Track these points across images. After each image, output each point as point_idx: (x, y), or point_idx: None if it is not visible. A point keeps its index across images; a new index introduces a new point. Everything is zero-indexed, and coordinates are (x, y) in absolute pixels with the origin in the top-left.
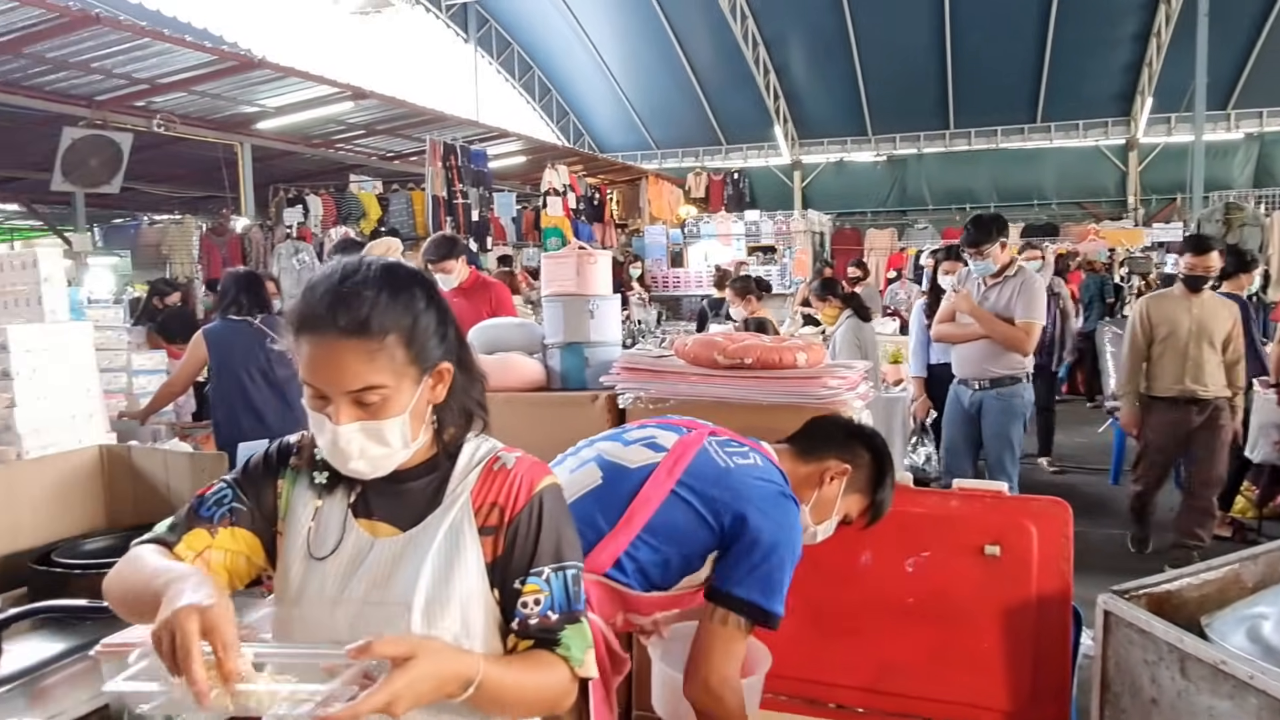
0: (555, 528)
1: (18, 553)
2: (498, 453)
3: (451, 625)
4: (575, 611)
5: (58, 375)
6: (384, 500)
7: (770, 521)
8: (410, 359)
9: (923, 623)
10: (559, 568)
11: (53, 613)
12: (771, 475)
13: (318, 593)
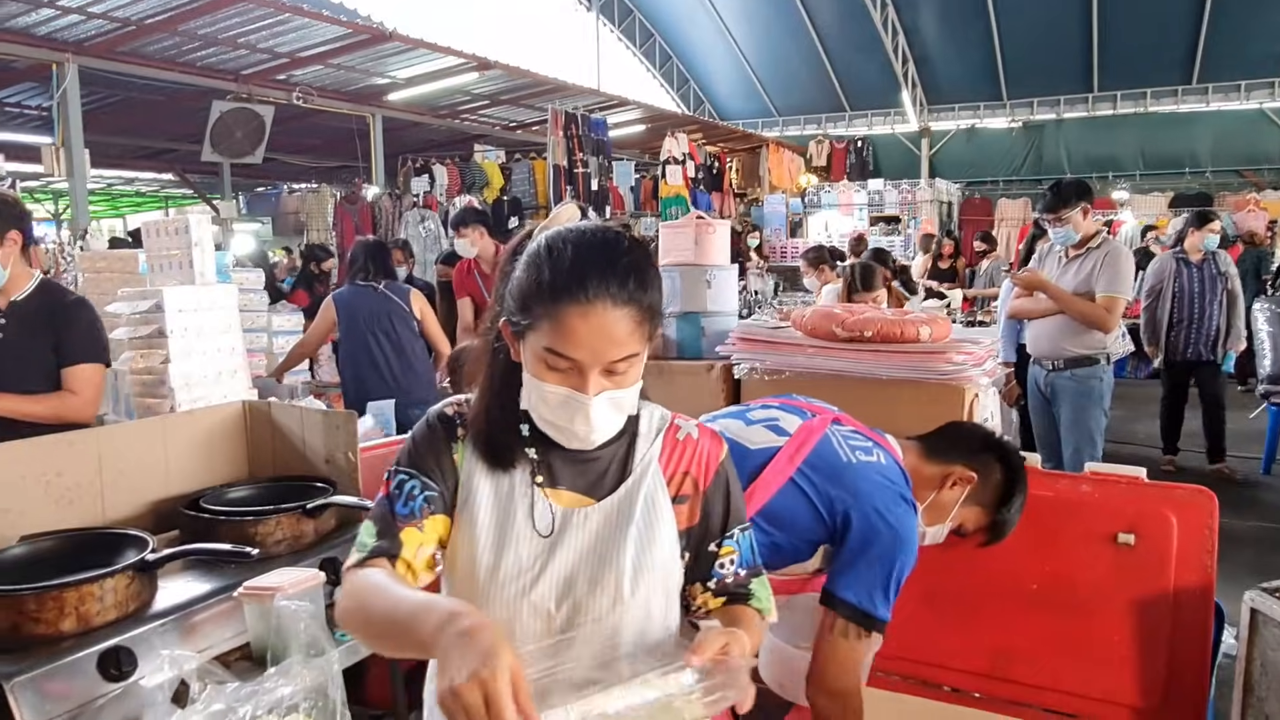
0: (736, 492)
1: (170, 498)
2: (674, 420)
3: (654, 591)
4: (758, 565)
5: (206, 334)
6: (571, 471)
7: (886, 526)
8: (651, 329)
9: (1046, 610)
10: (744, 528)
11: (201, 555)
12: (893, 475)
13: (516, 563)
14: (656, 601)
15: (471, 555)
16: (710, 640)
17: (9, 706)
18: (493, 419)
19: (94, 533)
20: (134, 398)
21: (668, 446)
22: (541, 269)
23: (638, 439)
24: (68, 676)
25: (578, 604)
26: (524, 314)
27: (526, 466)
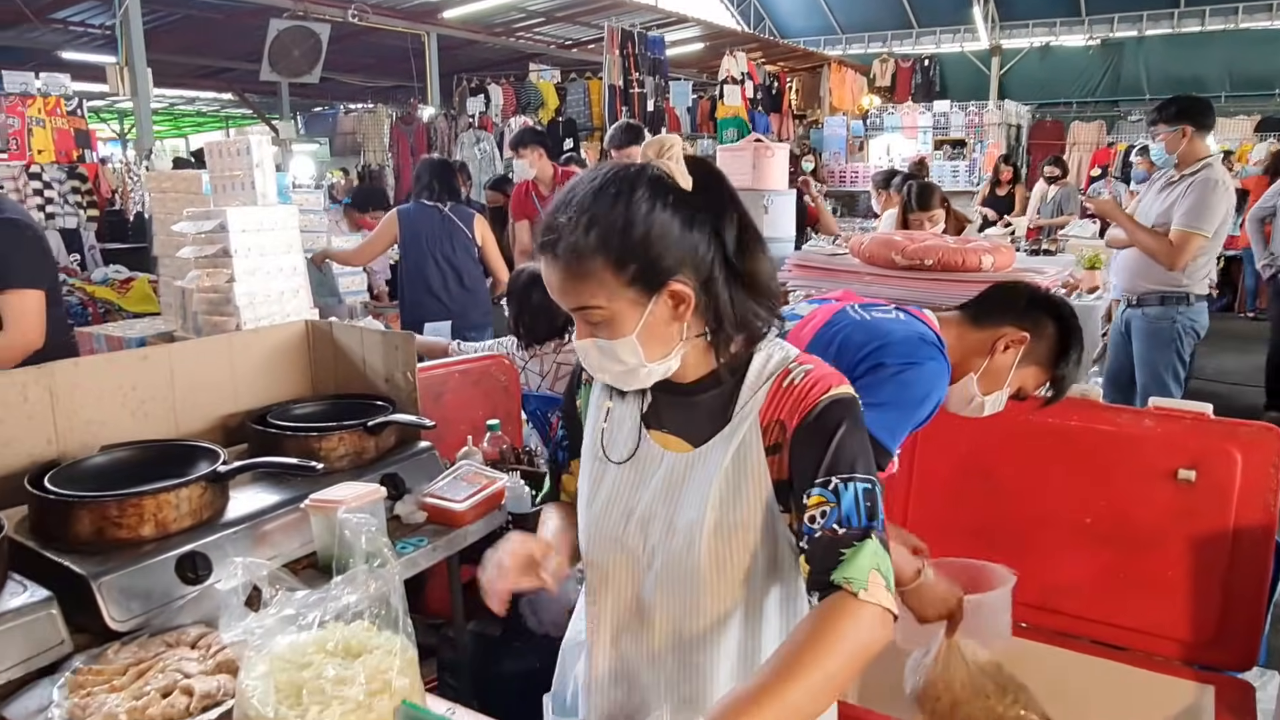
0: (845, 437)
1: (238, 413)
2: (789, 364)
3: (745, 551)
4: (860, 529)
5: (269, 254)
6: (674, 413)
7: (906, 358)
8: (626, 280)
9: (1099, 544)
10: (849, 478)
11: (269, 468)
12: (918, 327)
13: (610, 498)
14: (738, 560)
15: (585, 480)
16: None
17: (97, 603)
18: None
19: (168, 444)
20: (202, 315)
21: (773, 394)
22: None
23: (743, 387)
24: (148, 578)
25: (655, 548)
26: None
27: (636, 404)
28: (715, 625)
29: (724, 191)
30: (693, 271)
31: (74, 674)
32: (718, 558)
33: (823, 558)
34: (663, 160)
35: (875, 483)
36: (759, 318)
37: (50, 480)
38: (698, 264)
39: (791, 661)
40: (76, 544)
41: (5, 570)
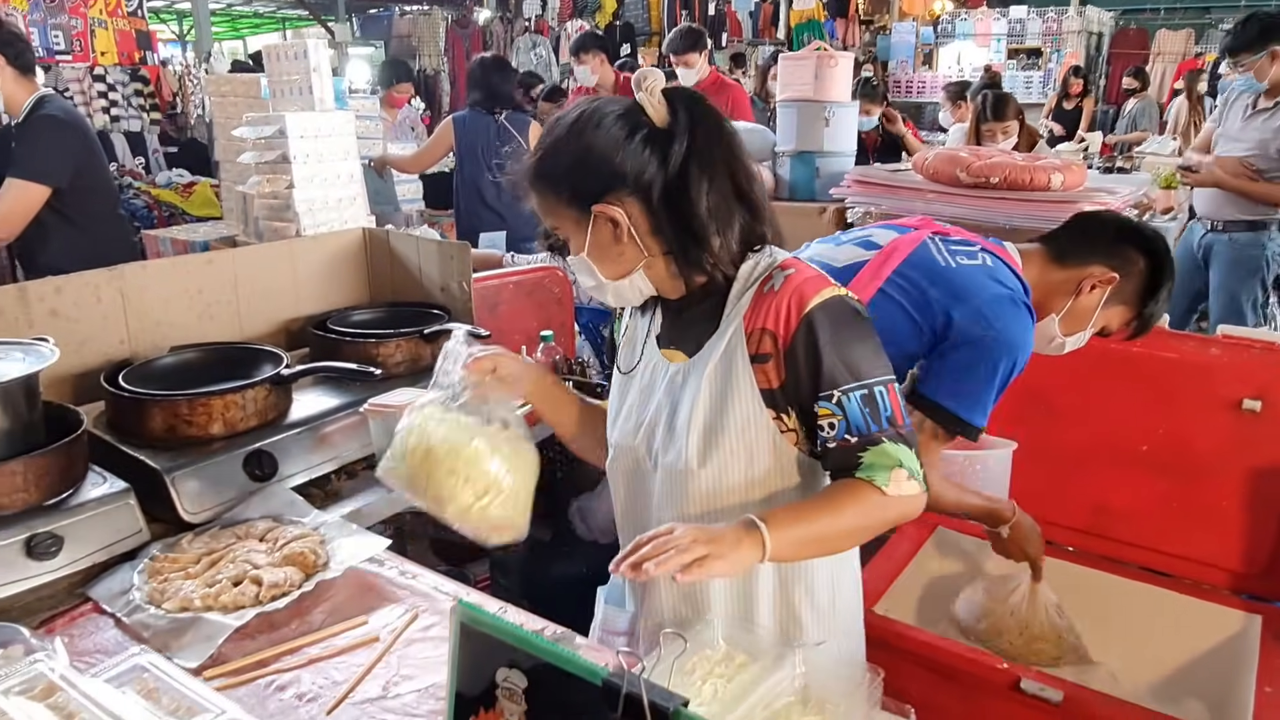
0: (836, 345)
1: (300, 318)
2: (772, 270)
3: (730, 452)
4: (874, 434)
5: (327, 160)
6: (675, 327)
7: (991, 329)
8: (566, 208)
9: (1154, 472)
10: (850, 389)
11: (329, 372)
12: (1003, 277)
13: (628, 410)
14: (735, 464)
15: (611, 402)
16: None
17: (170, 496)
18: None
19: (233, 347)
20: (263, 221)
21: (755, 301)
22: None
23: (730, 296)
24: (218, 474)
25: (657, 453)
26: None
27: (654, 324)
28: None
29: (697, 120)
30: (632, 195)
31: (151, 560)
32: (706, 458)
33: (843, 465)
34: (642, 92)
35: (877, 382)
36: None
37: (124, 379)
38: (641, 188)
39: (828, 503)
40: (150, 440)
41: (86, 463)
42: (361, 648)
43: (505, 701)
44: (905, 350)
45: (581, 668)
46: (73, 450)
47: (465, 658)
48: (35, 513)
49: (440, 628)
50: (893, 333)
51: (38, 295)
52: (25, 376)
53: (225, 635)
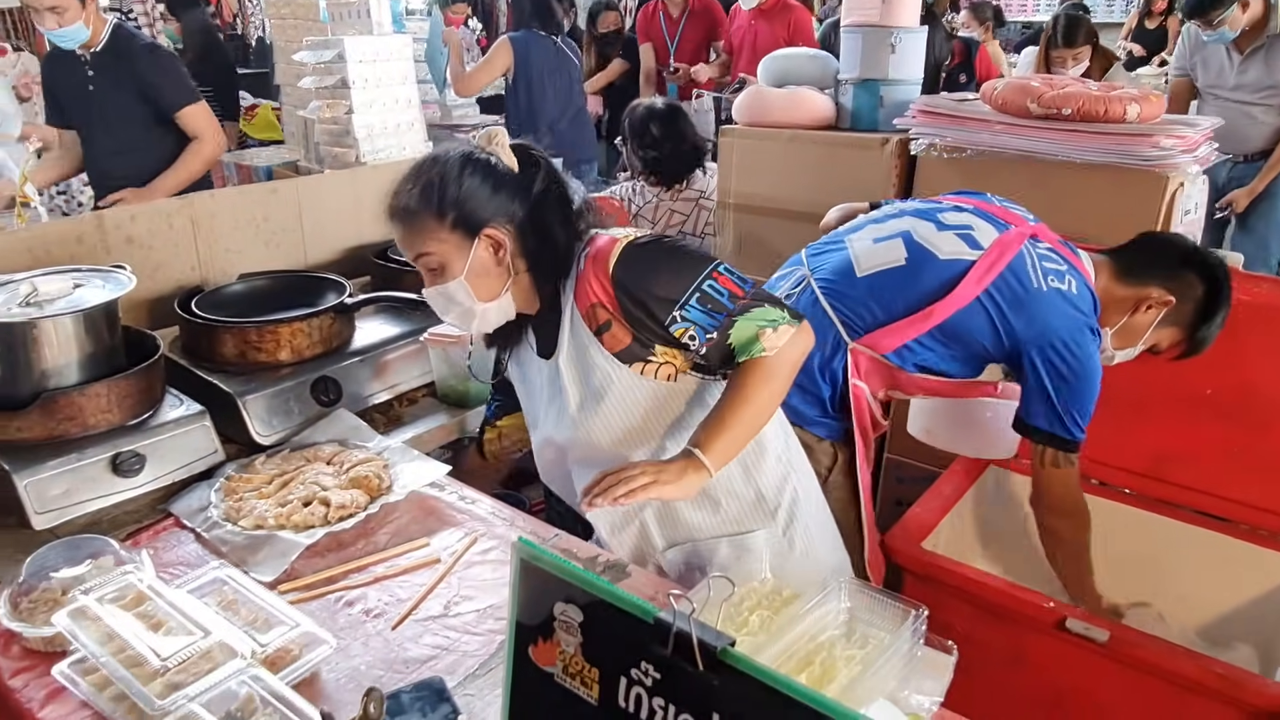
0: (648, 281)
1: (361, 246)
2: (579, 255)
3: (609, 414)
4: (717, 322)
5: (385, 85)
6: (543, 338)
7: (1072, 358)
8: (447, 231)
9: (1218, 416)
10: (683, 301)
11: (391, 301)
12: (1083, 304)
13: (530, 415)
14: (615, 418)
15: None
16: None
17: (243, 419)
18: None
19: (299, 275)
20: (323, 146)
21: (575, 285)
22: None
23: (564, 290)
24: (287, 398)
25: (561, 441)
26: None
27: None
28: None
29: (540, 165)
30: (506, 222)
31: (227, 480)
32: (587, 421)
33: (721, 359)
34: (491, 147)
35: (702, 279)
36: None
37: (197, 305)
38: (511, 216)
39: (737, 395)
40: (222, 364)
41: (163, 386)
42: (423, 568)
43: (562, 633)
44: (980, 353)
45: (634, 605)
46: (151, 374)
47: (525, 591)
48: (119, 432)
49: (498, 552)
50: (976, 335)
51: (114, 223)
52: (106, 303)
53: (297, 553)
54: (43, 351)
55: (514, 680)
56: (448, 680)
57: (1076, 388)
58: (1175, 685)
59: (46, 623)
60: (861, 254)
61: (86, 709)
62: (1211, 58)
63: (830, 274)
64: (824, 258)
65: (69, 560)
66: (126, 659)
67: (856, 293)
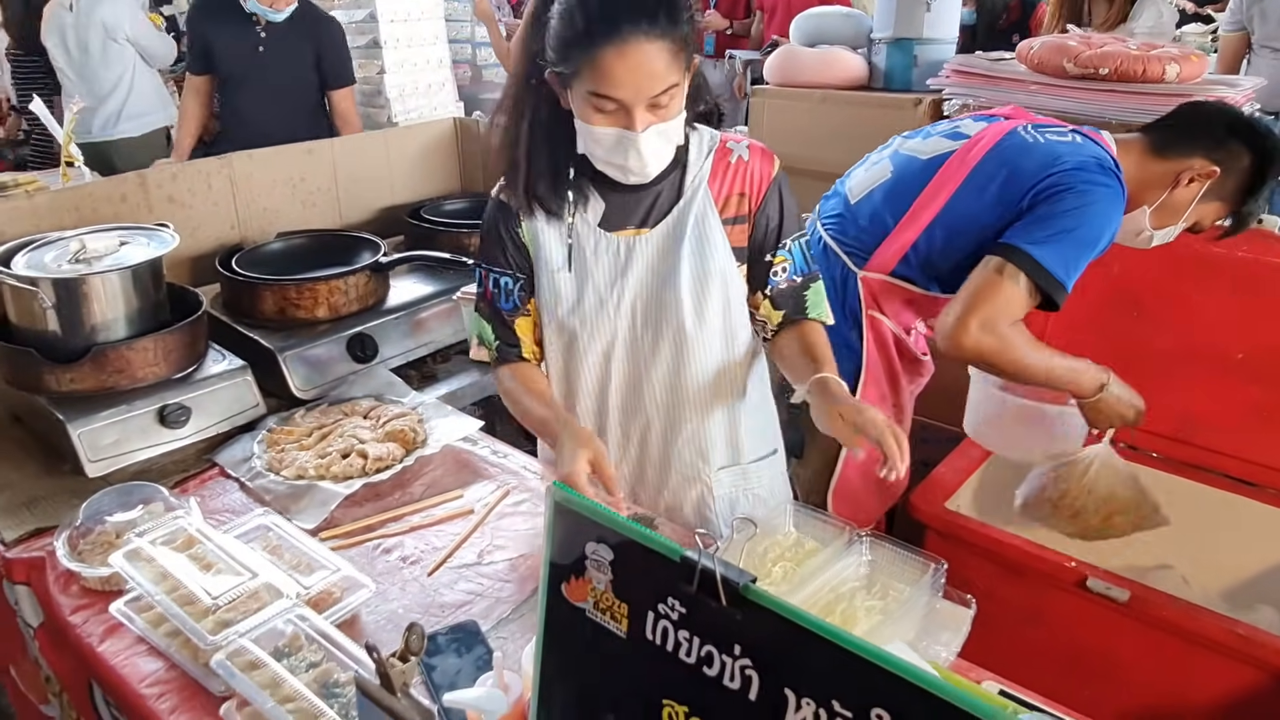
0: (791, 202)
1: (395, 206)
2: (725, 143)
3: (717, 297)
4: (812, 272)
5: (416, 45)
6: (625, 209)
7: (1079, 182)
8: (686, 56)
9: (1247, 380)
10: (797, 237)
11: (424, 260)
12: (1095, 152)
13: (592, 295)
14: (714, 306)
15: (558, 300)
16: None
17: (283, 374)
18: (538, 171)
19: (334, 234)
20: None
21: (718, 169)
22: (574, 16)
23: (688, 165)
24: (324, 354)
25: (650, 319)
26: (565, 63)
27: (591, 214)
28: (701, 370)
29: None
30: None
31: (269, 432)
32: (695, 307)
33: (793, 303)
34: None
35: (806, 235)
36: (704, 108)
37: (237, 263)
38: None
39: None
40: (262, 320)
41: (206, 341)
42: (458, 518)
43: (593, 571)
44: (988, 235)
45: (662, 545)
46: (195, 329)
47: (558, 532)
48: (166, 385)
49: (529, 504)
50: (981, 216)
51: (156, 183)
52: (152, 260)
53: (337, 502)
54: (93, 307)
55: (547, 615)
56: (481, 624)
57: (1083, 221)
58: (1195, 644)
59: (103, 563)
60: (854, 185)
61: (142, 644)
62: (1271, 7)
63: (831, 213)
64: (829, 203)
65: (122, 505)
66: (179, 597)
67: (854, 220)
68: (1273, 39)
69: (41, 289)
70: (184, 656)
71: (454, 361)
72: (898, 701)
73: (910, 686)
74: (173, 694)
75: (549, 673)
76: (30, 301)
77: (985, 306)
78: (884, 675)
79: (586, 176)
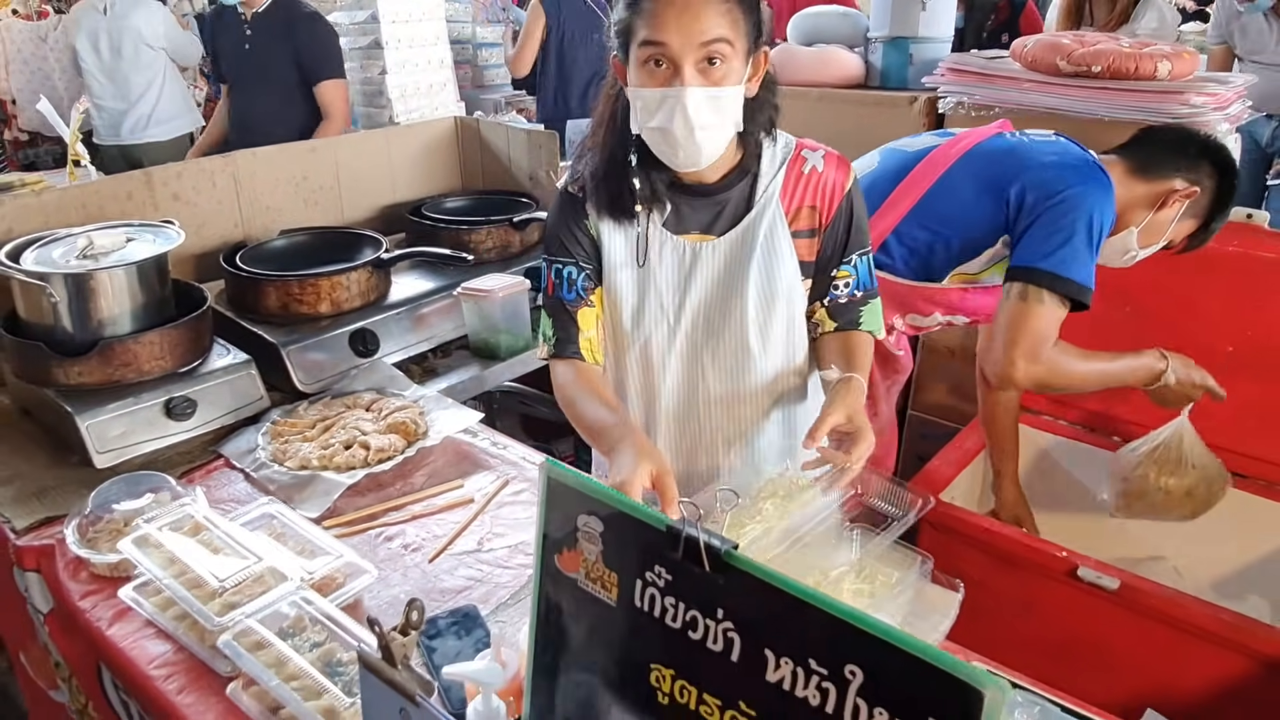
0: (860, 219)
1: (396, 204)
2: (801, 151)
3: (781, 316)
4: (873, 289)
5: (418, 45)
6: (697, 213)
7: (1066, 183)
8: (747, 28)
9: (1237, 373)
10: (863, 252)
11: (425, 256)
12: (1079, 152)
13: (655, 299)
14: (778, 326)
15: (617, 301)
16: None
17: (286, 368)
18: (611, 168)
19: (337, 231)
20: (358, 107)
21: (791, 179)
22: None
23: (760, 175)
24: (327, 349)
25: (712, 329)
26: (621, 24)
27: (656, 214)
28: (760, 384)
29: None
30: (767, 43)
31: (273, 424)
32: (760, 325)
33: (847, 316)
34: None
35: (869, 249)
36: (774, 114)
37: (241, 259)
38: (768, 39)
39: (865, 357)
40: (266, 315)
41: (211, 335)
42: (458, 507)
43: (585, 543)
44: (977, 227)
45: (648, 515)
46: (200, 324)
47: (552, 506)
48: (171, 379)
49: (528, 493)
50: (963, 207)
51: (161, 180)
52: (157, 255)
53: (340, 491)
54: (100, 302)
55: (541, 586)
56: (481, 608)
57: (1085, 220)
58: (1184, 632)
59: (112, 550)
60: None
61: (149, 627)
62: (1250, 24)
63: None
64: None
65: (130, 494)
66: (187, 581)
67: None
68: (1254, 54)
69: (50, 284)
70: (191, 639)
71: (454, 356)
72: (869, 658)
73: (880, 643)
74: (180, 675)
75: (543, 642)
76: (39, 296)
77: (1024, 339)
78: (855, 633)
79: (656, 174)
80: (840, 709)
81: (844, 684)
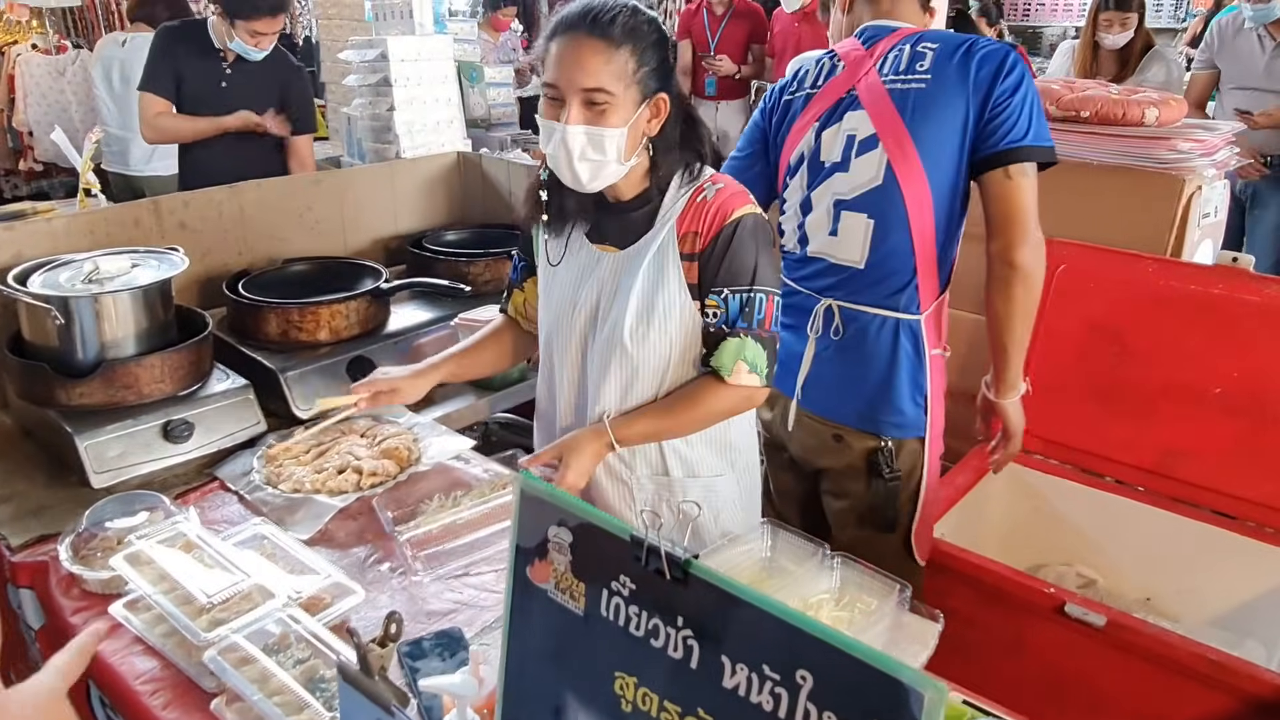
0: (739, 253)
1: (398, 235)
2: (704, 183)
3: (656, 331)
4: (739, 329)
5: (425, 84)
6: (610, 227)
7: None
8: (634, 79)
9: (1227, 415)
10: (737, 290)
11: (424, 287)
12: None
13: (561, 294)
14: (655, 337)
15: (539, 291)
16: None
17: (284, 393)
18: (535, 184)
19: (338, 261)
20: (365, 142)
21: (689, 207)
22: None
23: (665, 199)
24: (325, 375)
25: (600, 329)
26: (541, 64)
27: (582, 224)
28: (644, 391)
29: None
30: (668, 95)
31: (269, 448)
32: (638, 336)
33: (711, 345)
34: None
35: (760, 290)
36: (699, 151)
37: (243, 287)
38: (670, 92)
39: (672, 402)
40: (266, 342)
41: (211, 360)
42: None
43: (554, 553)
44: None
45: (614, 525)
46: (201, 349)
47: (524, 518)
48: (170, 402)
49: None
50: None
51: (168, 209)
52: (161, 281)
53: (331, 514)
54: (103, 325)
55: (513, 597)
56: (466, 631)
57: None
58: (1172, 672)
59: (105, 567)
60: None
61: (138, 644)
62: (1243, 46)
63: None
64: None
65: (124, 513)
66: (176, 597)
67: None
68: (1244, 79)
69: (55, 307)
70: (179, 655)
71: (450, 385)
72: (819, 663)
73: (830, 649)
74: (165, 690)
75: (514, 652)
76: (44, 319)
77: (1023, 216)
78: (807, 639)
79: (568, 191)
80: (792, 713)
81: (795, 689)
